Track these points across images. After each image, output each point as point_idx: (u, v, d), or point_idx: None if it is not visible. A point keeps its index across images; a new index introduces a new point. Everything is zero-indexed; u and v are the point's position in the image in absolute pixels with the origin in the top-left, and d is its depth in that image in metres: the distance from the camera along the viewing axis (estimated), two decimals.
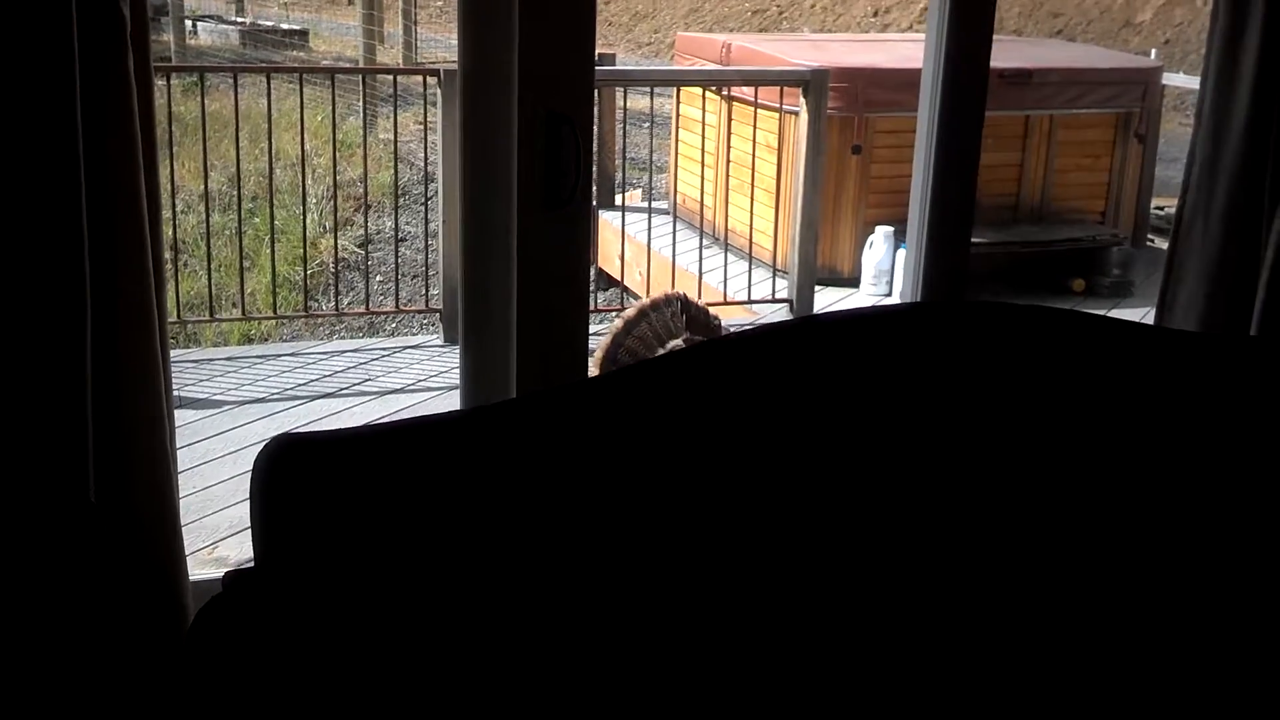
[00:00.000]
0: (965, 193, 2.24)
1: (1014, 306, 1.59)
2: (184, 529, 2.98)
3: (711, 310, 3.80)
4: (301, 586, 1.25)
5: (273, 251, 5.18)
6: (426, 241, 5.68)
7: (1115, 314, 5.39)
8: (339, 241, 6.44)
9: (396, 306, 5.74)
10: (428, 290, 5.39)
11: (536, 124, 1.81)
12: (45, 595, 1.59)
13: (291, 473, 1.29)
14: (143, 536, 1.68)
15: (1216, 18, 2.12)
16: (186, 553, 2.77)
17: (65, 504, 1.58)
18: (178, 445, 3.45)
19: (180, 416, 3.77)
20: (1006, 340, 1.54)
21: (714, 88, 5.72)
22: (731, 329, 3.78)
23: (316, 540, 1.26)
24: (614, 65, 6.92)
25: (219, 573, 2.37)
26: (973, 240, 2.31)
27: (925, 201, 2.24)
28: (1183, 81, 7.11)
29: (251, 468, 1.30)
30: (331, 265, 6.06)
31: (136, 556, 1.68)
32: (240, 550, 2.98)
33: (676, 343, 3.49)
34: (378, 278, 6.55)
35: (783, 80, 5.41)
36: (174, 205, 4.71)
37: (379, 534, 1.28)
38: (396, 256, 5.66)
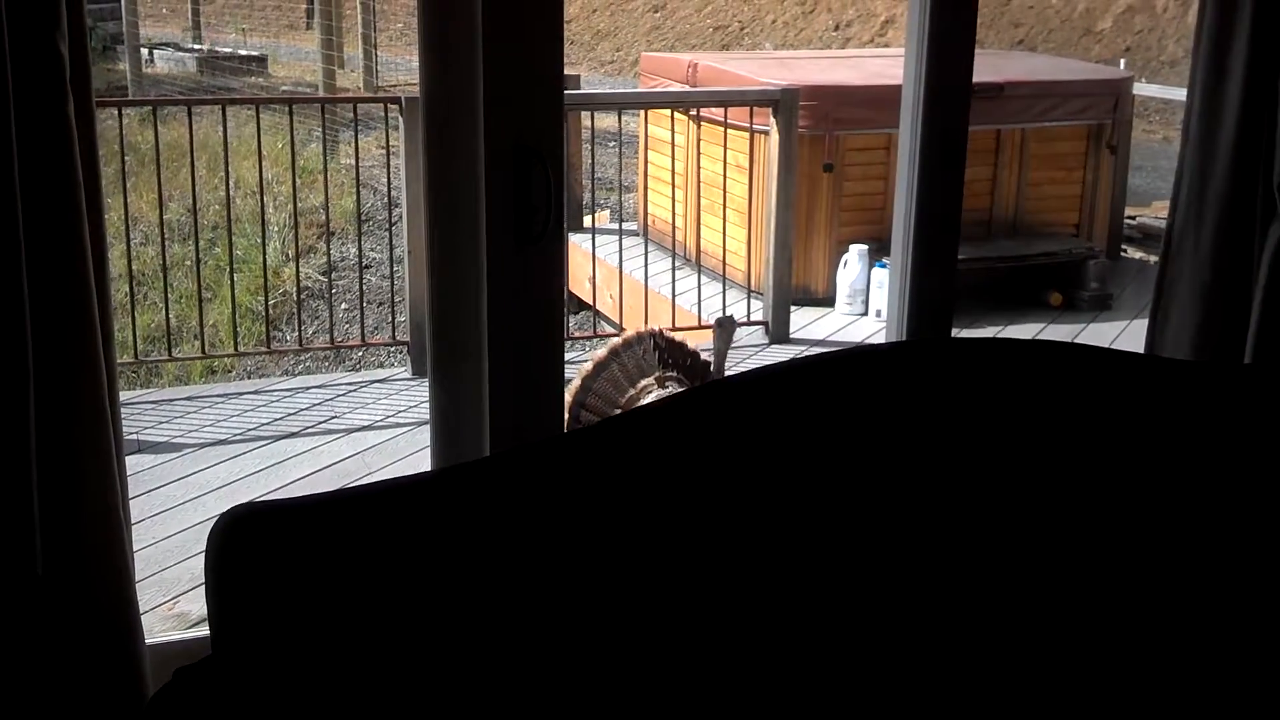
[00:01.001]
0: (950, 210, 2.19)
1: (1005, 341, 1.55)
2: (143, 583, 2.88)
3: (688, 340, 3.73)
4: (260, 678, 1.15)
5: (231, 282, 5.06)
6: (392, 269, 5.57)
7: (1096, 328, 5.37)
8: (303, 270, 6.32)
9: (362, 338, 5.63)
10: (394, 319, 5.28)
11: (504, 157, 1.73)
12: None
13: (248, 548, 1.20)
14: (95, 609, 1.59)
15: (1202, 26, 2.07)
16: (146, 608, 2.67)
17: (10, 579, 1.47)
18: (136, 493, 3.35)
19: (139, 461, 3.70)
20: (999, 377, 1.50)
21: (682, 108, 5.66)
22: (705, 354, 3.70)
23: (277, 624, 1.17)
24: (578, 85, 6.87)
25: (179, 635, 2.27)
26: None
27: (910, 220, 2.18)
28: (1149, 91, 7.11)
29: (205, 542, 1.19)
30: (295, 294, 5.95)
31: (88, 631, 1.58)
32: (201, 605, 2.85)
33: (648, 381, 3.43)
34: (343, 305, 6.44)
35: (752, 100, 5.34)
36: (128, 238, 4.59)
37: (345, 613, 1.19)
38: (361, 285, 5.55)
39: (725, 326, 3.56)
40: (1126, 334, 5.27)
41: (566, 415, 3.23)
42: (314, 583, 1.19)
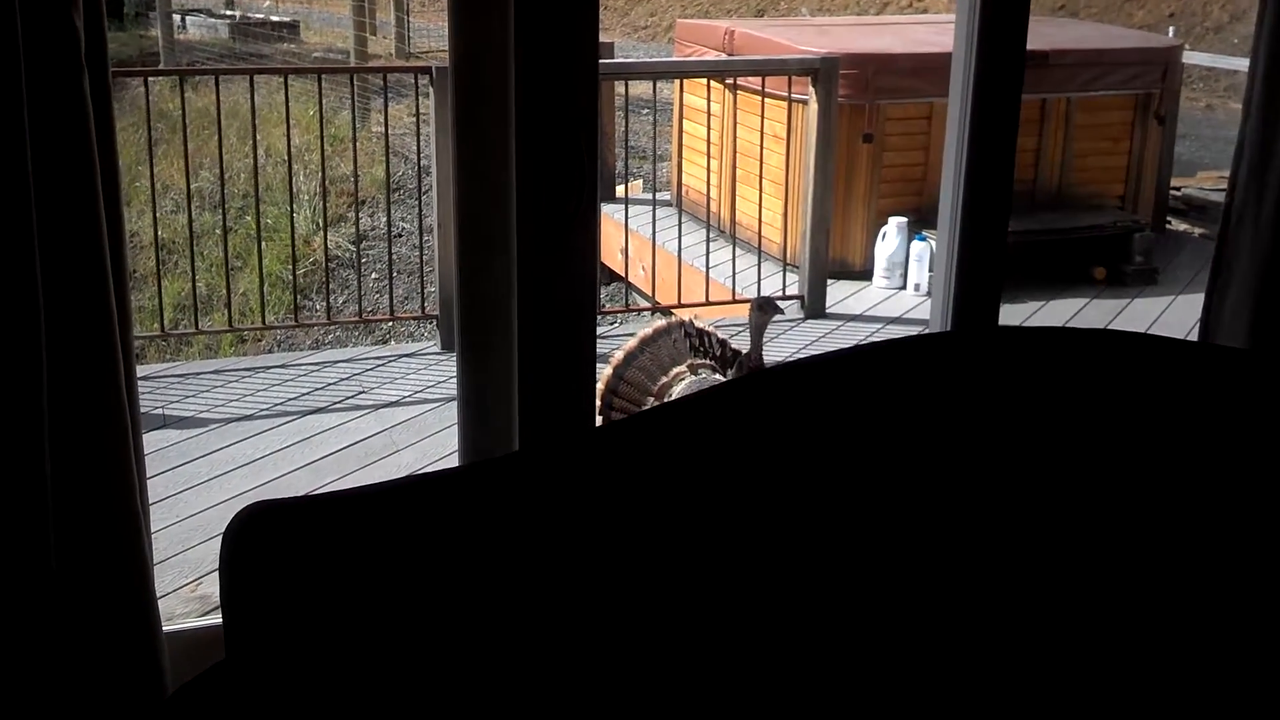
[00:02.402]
0: (1001, 182, 2.12)
1: (1062, 331, 1.50)
2: (165, 564, 2.84)
3: (722, 319, 3.66)
4: (274, 686, 1.09)
5: (259, 251, 5.01)
6: (421, 239, 5.51)
7: (1141, 303, 5.26)
8: (332, 239, 6.27)
9: (391, 311, 5.58)
10: (423, 291, 5.22)
11: (537, 132, 1.66)
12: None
13: (263, 549, 1.13)
14: (112, 603, 1.55)
15: None
16: (168, 590, 2.63)
17: (24, 574, 1.42)
18: (161, 469, 3.30)
19: (164, 437, 3.66)
20: (1055, 370, 1.44)
21: (718, 76, 5.55)
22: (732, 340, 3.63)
23: (293, 630, 1.11)
24: (612, 52, 6.76)
25: (199, 622, 2.23)
26: None
27: (958, 193, 2.10)
28: (1193, 58, 6.95)
29: (220, 541, 1.14)
30: (324, 264, 5.90)
31: (105, 625, 1.54)
32: None
33: (680, 369, 3.37)
34: (372, 275, 6.39)
35: (792, 69, 5.22)
36: (155, 207, 4.55)
37: (363, 617, 1.13)
38: (390, 256, 5.49)
39: (765, 309, 3.47)
40: (1172, 310, 5.15)
41: (598, 403, 3.17)
42: (332, 585, 1.13)
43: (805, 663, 1.27)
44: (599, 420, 2.80)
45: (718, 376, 3.42)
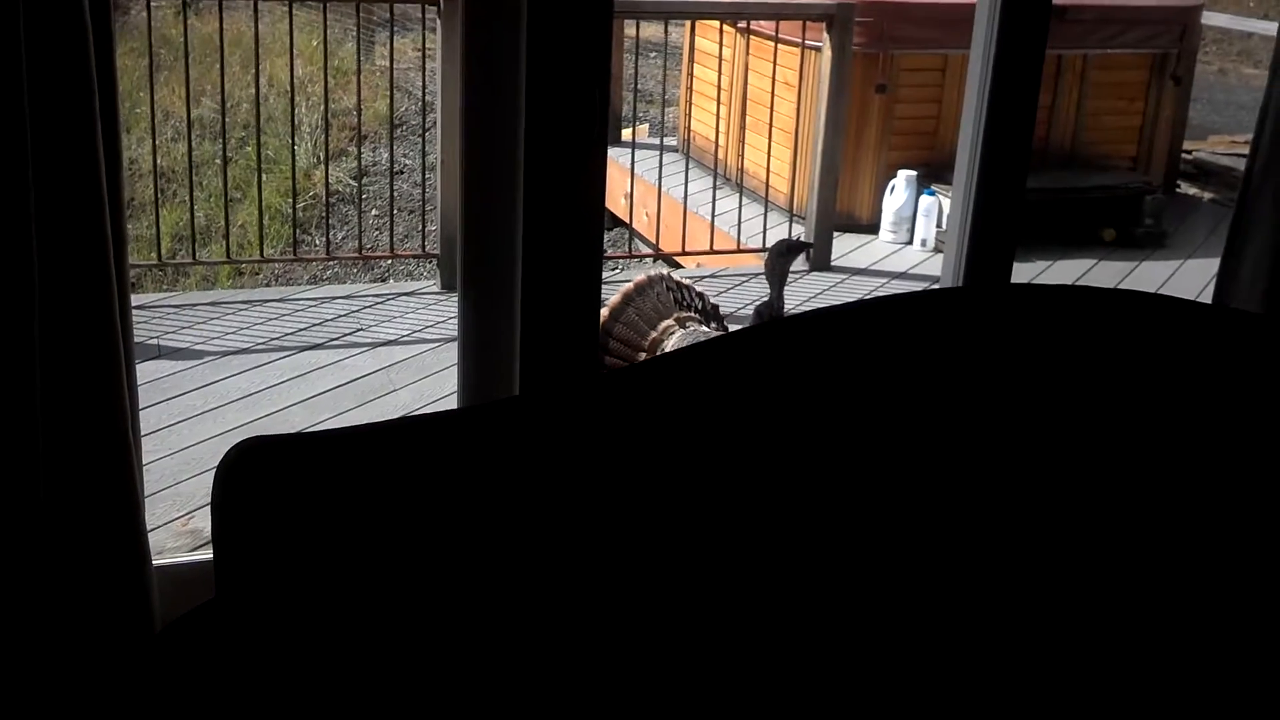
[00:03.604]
0: (1020, 138, 2.09)
1: (1073, 289, 1.45)
2: (156, 496, 2.81)
3: (697, 284, 3.59)
4: (262, 628, 1.06)
5: (259, 182, 4.94)
6: (424, 176, 5.44)
7: (1148, 266, 5.22)
8: (333, 173, 6.20)
9: (391, 249, 5.52)
10: (424, 229, 5.16)
11: (547, 62, 1.61)
12: None
13: (257, 485, 1.10)
14: (101, 533, 1.53)
15: None
16: (159, 524, 2.61)
17: (9, 499, 1.40)
18: (154, 400, 3.27)
19: (158, 368, 3.62)
20: (1067, 327, 1.40)
21: (731, 20, 5.45)
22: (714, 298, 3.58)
23: (285, 569, 1.08)
24: None
25: (188, 557, 2.21)
26: None
27: (976, 147, 2.07)
28: (1209, 20, 6.85)
29: (213, 476, 1.10)
30: (324, 198, 5.83)
31: (93, 556, 1.52)
32: None
33: (668, 323, 3.32)
34: (373, 211, 6.32)
35: (811, 14, 5.13)
36: (154, 135, 4.48)
37: (357, 558, 1.10)
38: (392, 193, 5.42)
39: (791, 253, 3.37)
40: (1181, 274, 5.11)
41: None
42: (326, 524, 1.11)
43: (816, 617, 1.25)
44: None
45: (704, 329, 3.37)
